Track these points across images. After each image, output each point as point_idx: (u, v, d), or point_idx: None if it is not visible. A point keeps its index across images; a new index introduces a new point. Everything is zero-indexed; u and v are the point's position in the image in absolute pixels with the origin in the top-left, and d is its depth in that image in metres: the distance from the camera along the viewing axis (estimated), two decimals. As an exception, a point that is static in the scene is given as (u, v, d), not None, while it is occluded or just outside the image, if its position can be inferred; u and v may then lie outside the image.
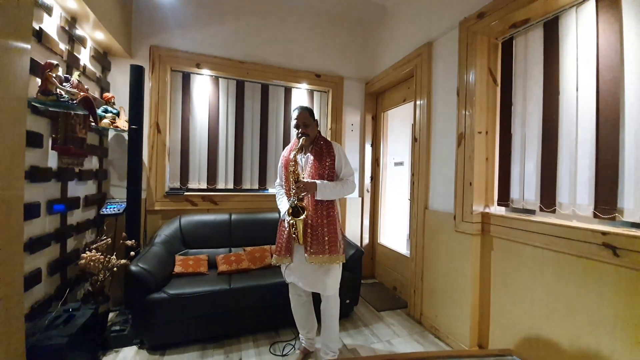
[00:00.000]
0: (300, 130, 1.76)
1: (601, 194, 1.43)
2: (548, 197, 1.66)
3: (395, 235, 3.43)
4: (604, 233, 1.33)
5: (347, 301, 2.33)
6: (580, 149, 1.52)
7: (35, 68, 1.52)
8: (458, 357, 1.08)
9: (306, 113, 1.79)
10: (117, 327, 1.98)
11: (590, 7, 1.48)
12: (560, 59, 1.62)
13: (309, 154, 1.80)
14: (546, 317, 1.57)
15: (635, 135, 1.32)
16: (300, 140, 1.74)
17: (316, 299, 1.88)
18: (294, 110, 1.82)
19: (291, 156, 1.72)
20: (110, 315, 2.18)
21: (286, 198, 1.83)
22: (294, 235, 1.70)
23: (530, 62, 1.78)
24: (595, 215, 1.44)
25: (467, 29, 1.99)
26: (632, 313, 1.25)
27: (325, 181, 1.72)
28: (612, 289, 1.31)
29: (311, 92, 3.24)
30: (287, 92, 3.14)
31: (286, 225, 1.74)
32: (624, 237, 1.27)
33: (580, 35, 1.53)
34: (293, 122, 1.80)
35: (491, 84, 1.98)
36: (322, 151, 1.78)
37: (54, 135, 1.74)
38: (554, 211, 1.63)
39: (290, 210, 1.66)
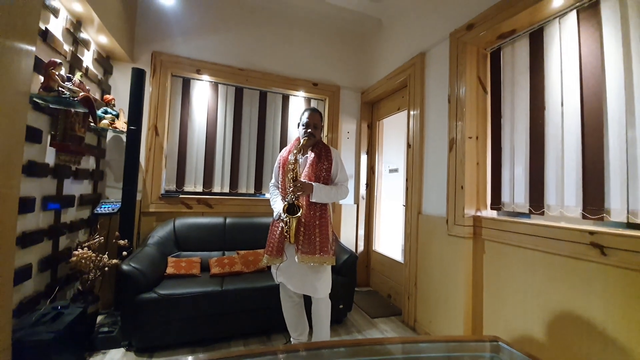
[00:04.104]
0: (309, 130, 1.78)
1: (588, 195, 1.46)
2: (537, 199, 1.70)
3: (390, 242, 3.42)
4: (591, 233, 1.36)
5: (341, 306, 2.31)
6: (567, 153, 1.57)
7: (39, 65, 1.56)
8: (445, 342, 1.08)
9: (318, 116, 1.84)
10: (106, 329, 1.95)
11: (572, 18, 1.56)
12: (546, 67, 1.69)
13: (307, 155, 1.83)
14: (538, 318, 1.57)
15: (619, 137, 1.36)
16: (302, 140, 1.76)
17: (308, 301, 1.86)
18: (305, 111, 1.84)
19: (290, 156, 1.75)
20: (99, 318, 2.13)
21: (280, 198, 1.85)
22: (285, 234, 1.71)
23: (518, 71, 1.85)
24: (584, 217, 1.47)
25: (457, 40, 2.08)
26: (620, 311, 1.25)
27: (321, 184, 1.75)
28: (600, 288, 1.32)
29: (308, 100, 3.32)
30: (285, 99, 3.22)
31: (282, 224, 1.74)
32: (610, 236, 1.29)
33: (564, 44, 1.60)
34: (303, 121, 1.81)
35: (481, 92, 2.05)
36: (321, 155, 1.81)
37: (53, 132, 1.77)
38: (542, 213, 1.66)
39: (287, 207, 1.66)
